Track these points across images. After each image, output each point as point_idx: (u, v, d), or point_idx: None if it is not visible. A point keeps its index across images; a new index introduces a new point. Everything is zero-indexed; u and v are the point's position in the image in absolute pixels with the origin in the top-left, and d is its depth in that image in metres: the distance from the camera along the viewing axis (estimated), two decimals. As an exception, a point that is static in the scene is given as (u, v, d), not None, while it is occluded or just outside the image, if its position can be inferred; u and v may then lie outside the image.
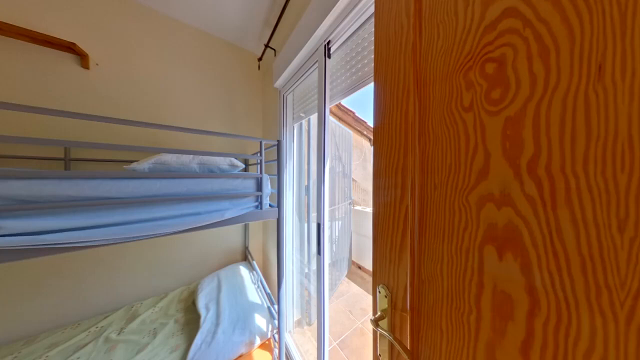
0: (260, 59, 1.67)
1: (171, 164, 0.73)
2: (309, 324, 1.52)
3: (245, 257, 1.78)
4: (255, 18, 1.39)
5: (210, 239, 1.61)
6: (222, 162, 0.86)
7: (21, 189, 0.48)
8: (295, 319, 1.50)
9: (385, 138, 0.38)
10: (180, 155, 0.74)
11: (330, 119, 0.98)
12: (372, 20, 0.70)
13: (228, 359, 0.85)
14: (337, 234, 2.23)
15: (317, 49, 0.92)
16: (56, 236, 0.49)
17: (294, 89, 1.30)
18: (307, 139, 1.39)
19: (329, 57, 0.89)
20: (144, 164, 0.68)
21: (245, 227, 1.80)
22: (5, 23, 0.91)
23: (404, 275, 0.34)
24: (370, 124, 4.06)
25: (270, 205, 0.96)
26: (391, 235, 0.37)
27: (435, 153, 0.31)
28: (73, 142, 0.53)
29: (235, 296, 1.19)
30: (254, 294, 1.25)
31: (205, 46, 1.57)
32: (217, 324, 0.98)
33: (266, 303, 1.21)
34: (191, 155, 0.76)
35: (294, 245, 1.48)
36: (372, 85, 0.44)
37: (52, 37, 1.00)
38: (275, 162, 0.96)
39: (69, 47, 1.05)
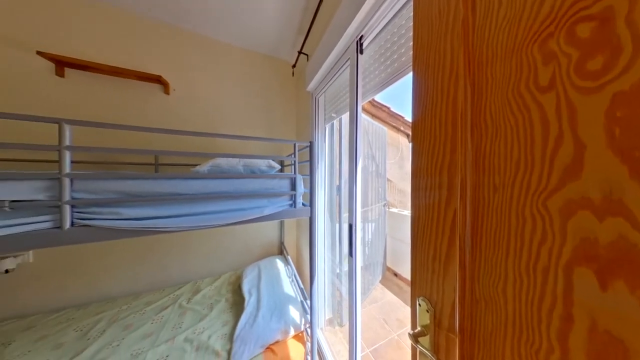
0: (294, 66, 1.77)
1: (223, 166, 0.86)
2: (341, 325, 1.51)
3: (281, 251, 1.92)
4: (290, 27, 1.49)
5: (252, 233, 1.81)
6: (262, 163, 0.96)
7: (131, 187, 0.67)
8: (326, 317, 1.51)
9: (427, 132, 0.34)
10: (229, 158, 0.87)
11: (363, 117, 0.94)
12: (410, 4, 0.64)
13: (266, 342, 0.93)
14: (370, 237, 2.13)
15: (348, 47, 0.90)
16: (151, 222, 0.66)
17: (325, 90, 1.32)
18: (338, 138, 1.38)
19: (361, 52, 0.86)
20: (204, 167, 0.83)
21: (281, 224, 1.94)
22: (124, 68, 1.28)
23: (450, 290, 0.30)
24: (408, 118, 3.70)
25: (303, 204, 1.01)
26: (434, 243, 0.32)
27: (494, 147, 0.25)
28: (159, 151, 0.70)
29: (273, 286, 1.30)
30: (288, 286, 1.33)
31: (247, 62, 1.78)
32: (257, 308, 1.09)
33: (300, 297, 1.27)
34: (237, 158, 0.88)
35: (326, 245, 1.50)
36: (409, 76, 0.40)
37: (148, 73, 1.34)
38: (308, 163, 1.00)
39: (157, 79, 1.38)
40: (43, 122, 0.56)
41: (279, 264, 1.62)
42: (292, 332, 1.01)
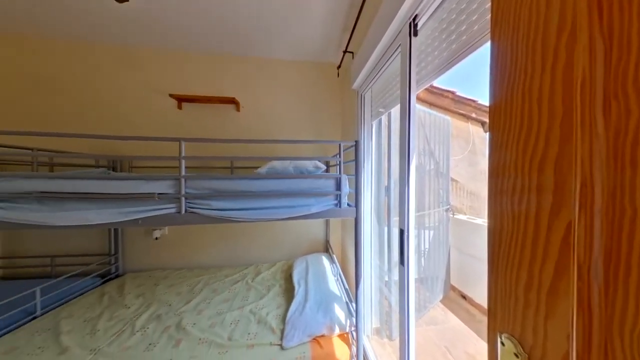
0: (339, 67, 1.79)
1: (277, 168, 0.99)
2: (390, 338, 1.38)
3: (326, 249, 1.99)
4: (335, 27, 1.51)
5: (301, 228, 1.97)
6: (309, 164, 1.02)
7: (216, 185, 0.88)
8: (373, 326, 1.43)
9: (515, 116, 0.25)
10: (283, 161, 0.99)
11: (418, 108, 0.82)
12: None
13: (313, 332, 0.99)
14: (427, 246, 1.83)
15: (399, 31, 0.81)
16: (229, 212, 0.85)
17: (371, 86, 1.25)
18: (387, 134, 1.28)
19: (415, 34, 0.75)
20: (263, 169, 0.98)
21: (327, 222, 2.00)
22: (212, 96, 1.71)
23: (560, 336, 0.21)
24: (483, 101, 2.89)
25: (348, 205, 1.00)
26: (528, 266, 0.24)
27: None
28: (234, 157, 0.90)
29: (319, 281, 1.36)
30: (334, 284, 1.36)
31: (296, 71, 1.95)
32: (305, 299, 1.17)
33: (345, 297, 1.27)
34: (289, 161, 0.99)
35: (373, 249, 1.42)
36: (483, 49, 0.31)
37: (226, 97, 1.72)
38: (354, 163, 0.98)
39: (232, 101, 1.75)
40: (170, 142, 0.84)
41: (325, 261, 1.67)
42: (337, 331, 1.02)
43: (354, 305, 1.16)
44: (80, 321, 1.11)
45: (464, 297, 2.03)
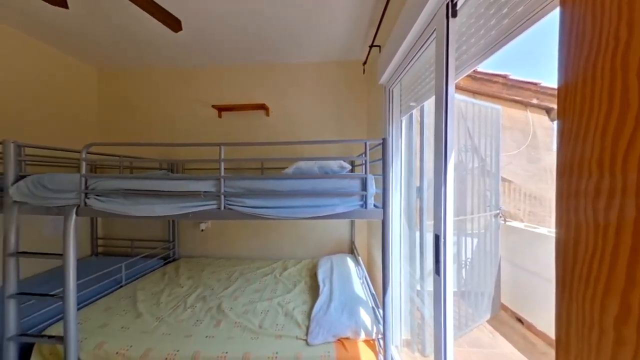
0: (364, 63, 1.73)
1: (302, 168, 1.02)
2: (422, 354, 1.26)
3: (351, 250, 1.94)
4: (361, 23, 1.46)
5: (326, 228, 1.98)
6: (333, 164, 1.02)
7: (248, 184, 0.96)
8: (403, 337, 1.33)
9: (601, 97, 0.20)
10: (308, 161, 1.01)
11: (457, 98, 0.73)
12: None
13: (337, 333, 0.98)
14: (469, 256, 1.60)
15: (434, 15, 0.73)
16: (260, 210, 0.92)
17: (400, 79, 1.16)
18: (419, 130, 1.17)
19: (454, 15, 0.66)
20: (290, 169, 1.02)
21: (352, 223, 1.96)
22: (245, 103, 1.88)
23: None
24: (549, 83, 2.34)
25: (375, 206, 0.95)
26: (622, 291, 0.18)
27: None
28: (263, 159, 0.96)
29: (344, 282, 1.34)
30: (359, 287, 1.32)
31: (319, 73, 1.97)
32: (330, 299, 1.18)
33: (371, 302, 1.22)
34: (313, 161, 1.01)
35: (402, 254, 1.32)
36: (548, 19, 0.25)
37: (257, 103, 1.87)
38: (381, 162, 0.93)
39: (262, 106, 1.89)
40: (212, 146, 0.96)
41: (350, 262, 1.64)
42: (362, 335, 0.98)
43: (381, 311, 1.10)
44: (149, 293, 1.38)
45: (520, 320, 1.69)
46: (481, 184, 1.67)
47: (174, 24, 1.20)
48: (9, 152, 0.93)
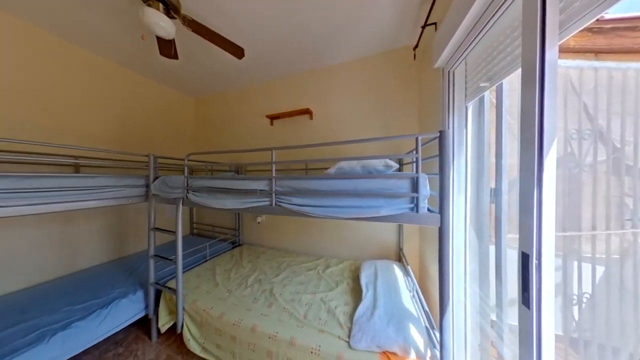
0: (415, 46, 1.52)
1: (345, 168, 1.01)
2: (500, 404, 0.98)
3: (399, 258, 1.76)
4: (410, 3, 1.30)
5: (370, 231, 1.89)
6: (378, 163, 0.95)
7: (294, 184, 1.05)
8: (469, 373, 1.08)
9: None
10: (350, 161, 1.00)
11: (564, 65, 0.52)
12: None
13: (382, 344, 0.91)
14: (587, 290, 1.11)
15: (519, -37, 0.56)
16: (305, 208, 0.99)
17: (466, 56, 0.95)
18: (494, 117, 0.92)
19: (558, -49, 0.48)
20: (332, 169, 1.04)
21: (400, 228, 1.77)
22: (292, 110, 2.06)
23: None
24: None
25: (429, 210, 0.82)
26: None
27: None
28: (309, 160, 1.03)
29: (390, 291, 1.23)
30: (408, 300, 1.18)
31: (362, 68, 1.89)
32: (374, 306, 1.11)
33: (424, 321, 1.06)
34: (356, 160, 0.98)
35: (468, 271, 1.08)
36: None
37: (302, 108, 2.01)
38: (437, 159, 0.79)
39: (307, 111, 2.01)
40: (265, 151, 1.11)
41: (397, 270, 1.49)
42: (412, 355, 0.87)
43: (437, 334, 0.94)
44: (223, 269, 1.75)
45: None
46: (613, 186, 1.12)
47: (238, 52, 1.47)
48: (151, 162, 1.41)
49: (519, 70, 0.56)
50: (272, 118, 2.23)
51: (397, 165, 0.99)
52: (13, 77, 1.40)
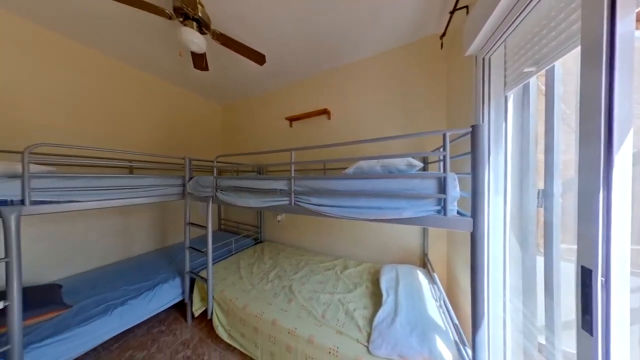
0: (443, 34, 1.40)
1: (364, 168, 0.98)
2: None
3: (424, 263, 1.64)
4: None
5: (391, 233, 1.80)
6: (400, 162, 0.90)
7: (312, 184, 1.06)
8: (509, 400, 0.95)
9: None
10: (369, 160, 0.96)
11: (642, 38, 0.41)
12: None
13: (404, 354, 0.86)
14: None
15: None
16: (322, 208, 0.99)
17: (506, 38, 0.83)
18: (543, 107, 0.79)
19: None
20: (351, 169, 1.02)
21: (424, 232, 1.65)
22: (311, 111, 2.09)
23: None
24: None
25: (459, 213, 0.75)
26: None
27: None
28: (327, 160, 1.03)
29: (413, 298, 1.15)
30: (434, 310, 1.09)
31: (383, 64, 1.81)
32: (395, 312, 1.05)
33: (453, 334, 0.97)
34: (376, 160, 0.94)
35: (508, 284, 0.95)
36: None
37: (320, 109, 2.02)
38: (469, 156, 0.71)
39: (325, 111, 2.02)
40: (284, 152, 1.15)
41: (421, 277, 1.39)
42: (440, 371, 0.80)
43: (469, 352, 0.85)
44: (246, 264, 1.87)
45: None
46: None
47: (260, 58, 1.55)
48: (187, 164, 1.58)
49: (577, 49, 0.47)
50: (291, 120, 2.29)
51: (421, 165, 0.92)
52: (87, 99, 1.73)
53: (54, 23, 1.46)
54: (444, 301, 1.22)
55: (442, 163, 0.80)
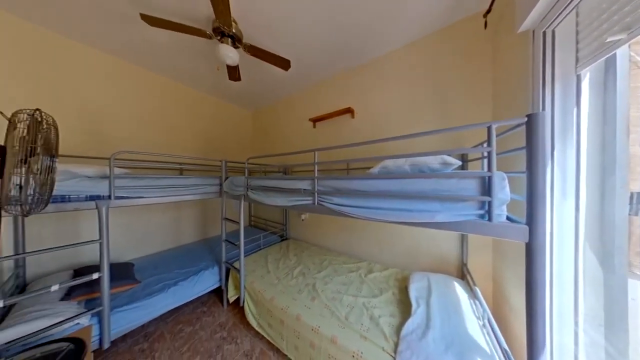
0: (488, 12, 1.21)
1: (390, 167, 0.93)
2: None
3: (462, 274, 1.46)
4: None
5: (421, 238, 1.65)
6: (432, 161, 0.82)
7: (335, 184, 1.06)
8: None
9: None
10: (396, 159, 0.90)
11: None
12: None
13: (439, 375, 0.78)
14: None
15: None
16: (345, 208, 0.98)
17: (578, 2, 0.67)
18: (638, 84, 0.61)
19: None
20: (375, 169, 0.98)
21: (463, 239, 1.46)
22: (333, 111, 2.08)
23: None
24: None
25: (509, 219, 0.63)
26: None
27: None
28: (350, 160, 1.01)
29: (448, 312, 1.03)
30: (476, 330, 0.95)
31: (413, 54, 1.67)
32: (427, 325, 0.96)
33: (500, 361, 0.83)
34: (404, 158, 0.87)
35: (582, 310, 0.76)
36: None
37: (344, 108, 2.00)
38: (524, 152, 0.60)
39: (348, 110, 1.98)
40: (308, 152, 1.17)
41: (458, 289, 1.24)
42: (483, 401, 0.70)
43: (523, 384, 0.71)
44: (273, 259, 1.98)
45: None
46: None
47: (285, 64, 1.62)
48: (223, 166, 1.78)
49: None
50: (315, 121, 2.33)
51: (458, 163, 0.82)
52: (149, 115, 2.12)
53: (126, 53, 1.82)
54: (489, 320, 1.05)
55: (485, 161, 0.69)
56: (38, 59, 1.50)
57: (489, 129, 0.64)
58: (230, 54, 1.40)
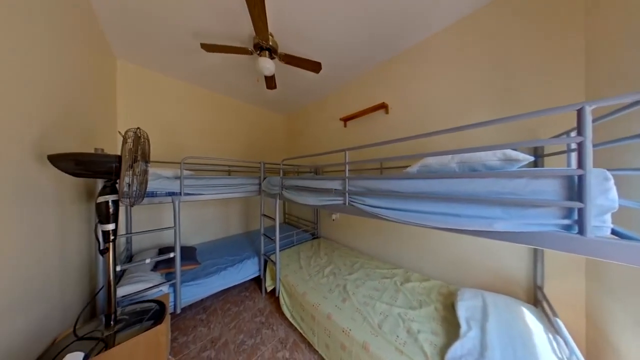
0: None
1: (432, 166, 0.81)
2: None
3: (534, 300, 1.16)
4: None
5: (473, 248, 1.40)
6: (489, 157, 0.68)
7: (367, 184, 1.01)
8: None
9: None
10: (441, 157, 0.78)
11: None
12: None
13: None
14: None
15: None
16: (378, 210, 0.92)
17: None
18: None
19: None
20: (414, 167, 0.88)
21: (536, 254, 1.16)
22: (367, 108, 2.00)
23: None
24: None
25: (616, 233, 0.46)
26: None
27: None
28: (383, 159, 0.95)
29: (514, 345, 0.84)
30: (557, 374, 0.73)
31: (463, 32, 1.43)
32: (481, 354, 0.81)
33: None
34: (450, 155, 0.75)
35: None
36: None
37: (377, 104, 1.90)
38: (637, 141, 0.42)
39: (382, 105, 1.87)
40: (339, 152, 1.16)
41: (529, 317, 0.99)
42: None
43: None
44: (305, 256, 2.06)
45: None
46: None
47: (317, 67, 1.66)
48: (262, 167, 1.97)
49: None
50: (345, 120, 2.30)
51: (530, 158, 0.65)
52: (207, 125, 2.56)
53: (192, 77, 2.25)
54: (580, 366, 0.79)
55: (573, 155, 0.52)
56: (141, 92, 2.04)
57: (581, 111, 0.48)
58: (267, 65, 1.54)
